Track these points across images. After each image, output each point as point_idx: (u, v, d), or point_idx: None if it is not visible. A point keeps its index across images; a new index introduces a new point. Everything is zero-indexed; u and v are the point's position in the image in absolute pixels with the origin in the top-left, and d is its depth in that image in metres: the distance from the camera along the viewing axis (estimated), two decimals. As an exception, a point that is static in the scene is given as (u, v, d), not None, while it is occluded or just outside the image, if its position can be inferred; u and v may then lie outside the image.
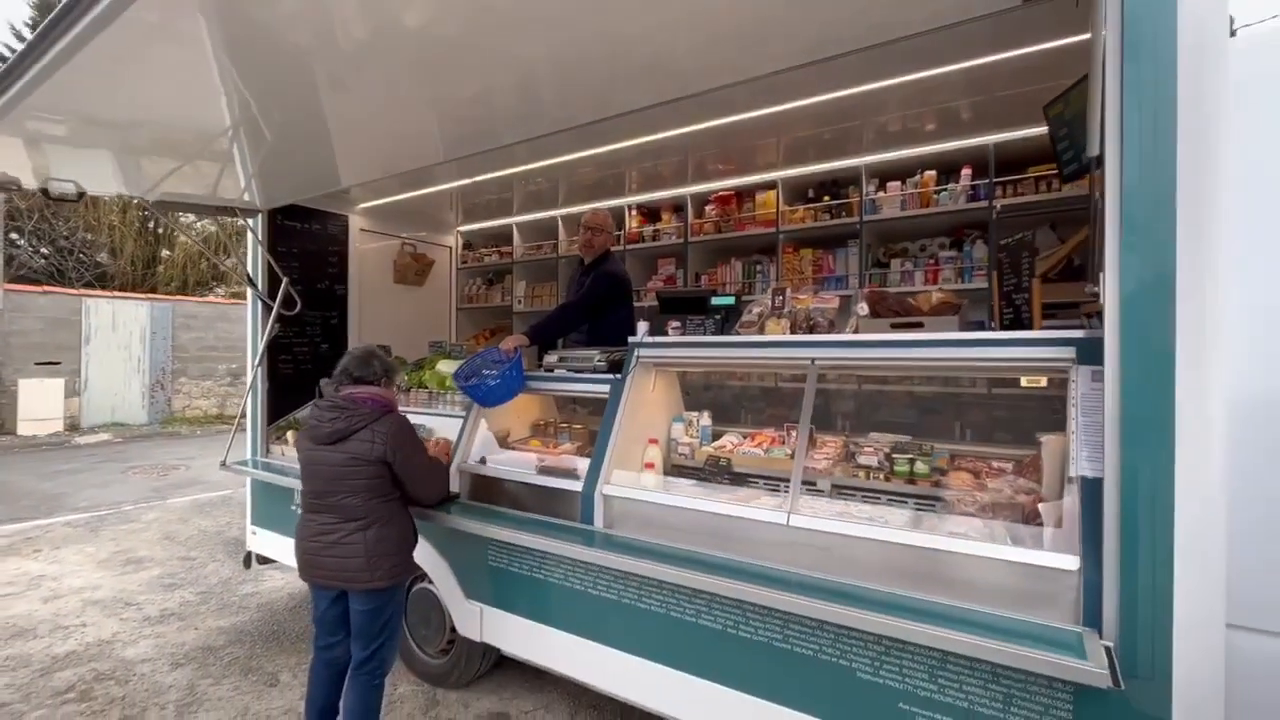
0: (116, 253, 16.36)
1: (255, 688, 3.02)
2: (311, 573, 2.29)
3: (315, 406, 2.38)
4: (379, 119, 2.76)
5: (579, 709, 2.84)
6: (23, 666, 3.22)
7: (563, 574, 2.45)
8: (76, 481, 7.51)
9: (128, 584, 4.34)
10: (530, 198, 4.84)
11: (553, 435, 3.22)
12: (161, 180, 3.28)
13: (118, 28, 1.75)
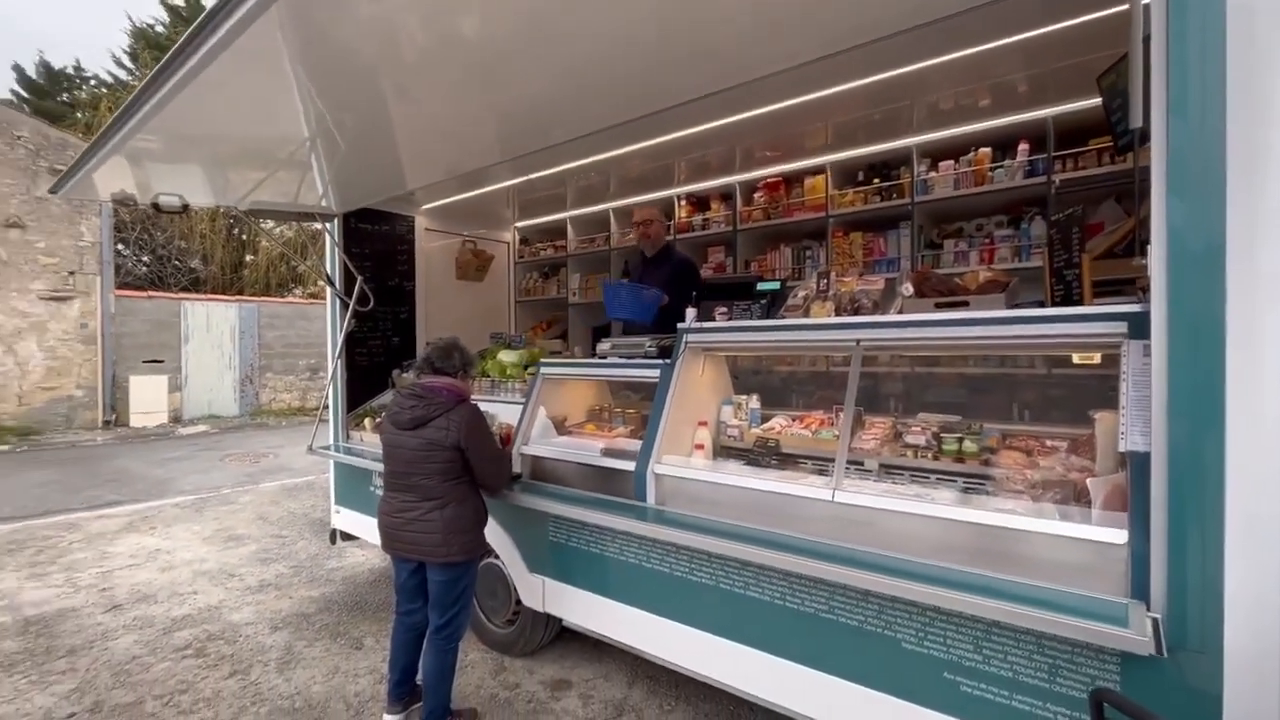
0: (208, 259, 17.70)
1: (343, 650, 3.33)
2: (393, 545, 2.53)
3: (397, 394, 2.60)
4: (440, 123, 2.96)
5: (636, 678, 2.99)
6: (148, 626, 3.64)
7: (618, 548, 2.59)
8: (181, 468, 8.27)
9: (230, 558, 4.80)
10: (582, 192, 4.99)
11: (607, 420, 3.36)
12: (251, 190, 3.61)
13: (224, 58, 1.97)
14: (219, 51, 1.95)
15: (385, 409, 3.90)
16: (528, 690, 2.91)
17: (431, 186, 4.32)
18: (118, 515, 6.00)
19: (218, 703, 2.84)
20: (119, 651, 3.34)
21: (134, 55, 19.54)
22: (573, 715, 2.72)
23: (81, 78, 20.21)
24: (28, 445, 9.85)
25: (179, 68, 2.06)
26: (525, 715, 2.72)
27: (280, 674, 3.09)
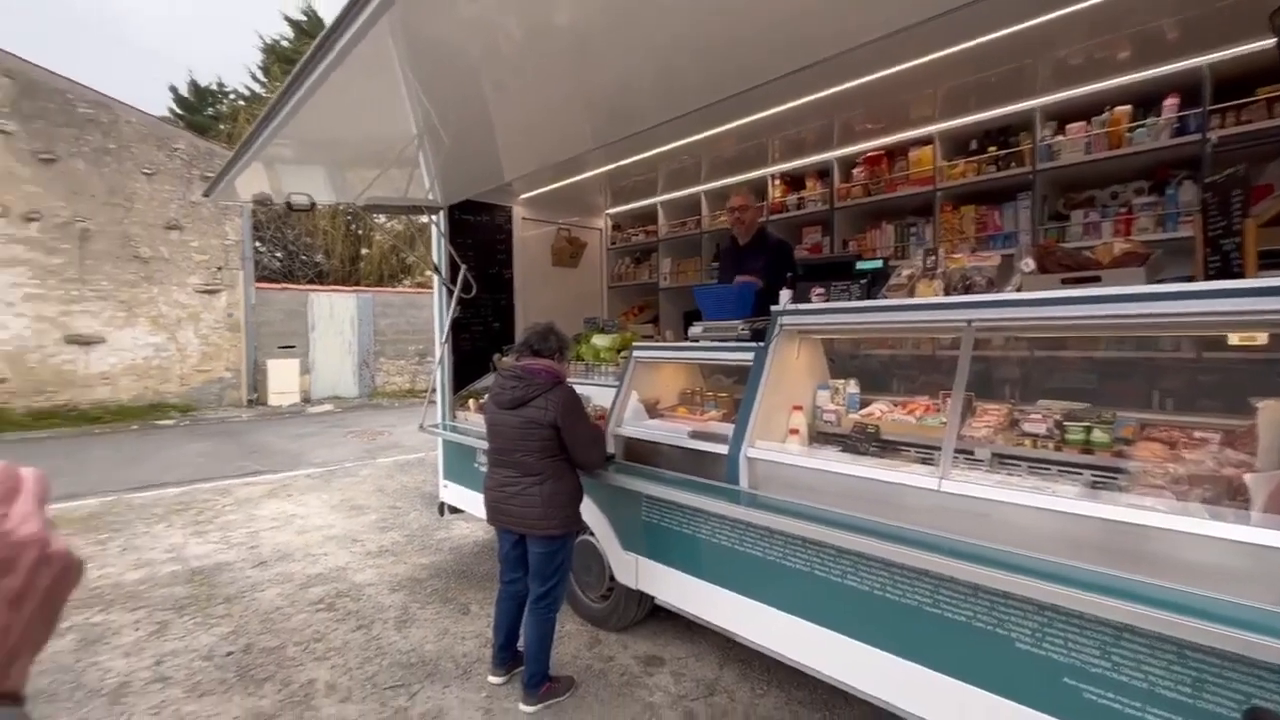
0: (329, 253, 19.34)
1: (452, 614, 3.57)
2: (496, 518, 2.68)
3: (499, 375, 2.75)
4: (534, 114, 3.04)
5: (728, 660, 3.00)
6: (288, 581, 4.09)
7: (711, 530, 2.60)
8: (311, 443, 9.15)
9: (353, 525, 5.28)
10: (674, 176, 4.98)
11: (699, 403, 3.36)
12: (367, 187, 3.89)
13: (343, 68, 2.14)
14: (338, 63, 2.12)
15: (488, 390, 4.13)
16: (621, 664, 3.00)
17: (528, 176, 4.47)
18: (261, 483, 6.75)
19: (346, 652, 3.15)
20: (265, 602, 3.77)
21: (265, 69, 21.53)
22: (665, 691, 2.77)
23: (223, 93, 22.55)
24: (189, 420, 11.26)
25: (305, 78, 2.26)
26: (619, 687, 2.81)
27: (398, 631, 3.37)
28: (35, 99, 10.69)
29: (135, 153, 11.68)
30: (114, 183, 11.44)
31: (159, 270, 11.92)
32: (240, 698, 2.77)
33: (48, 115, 10.79)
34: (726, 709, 2.64)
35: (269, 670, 3.00)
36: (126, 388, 11.58)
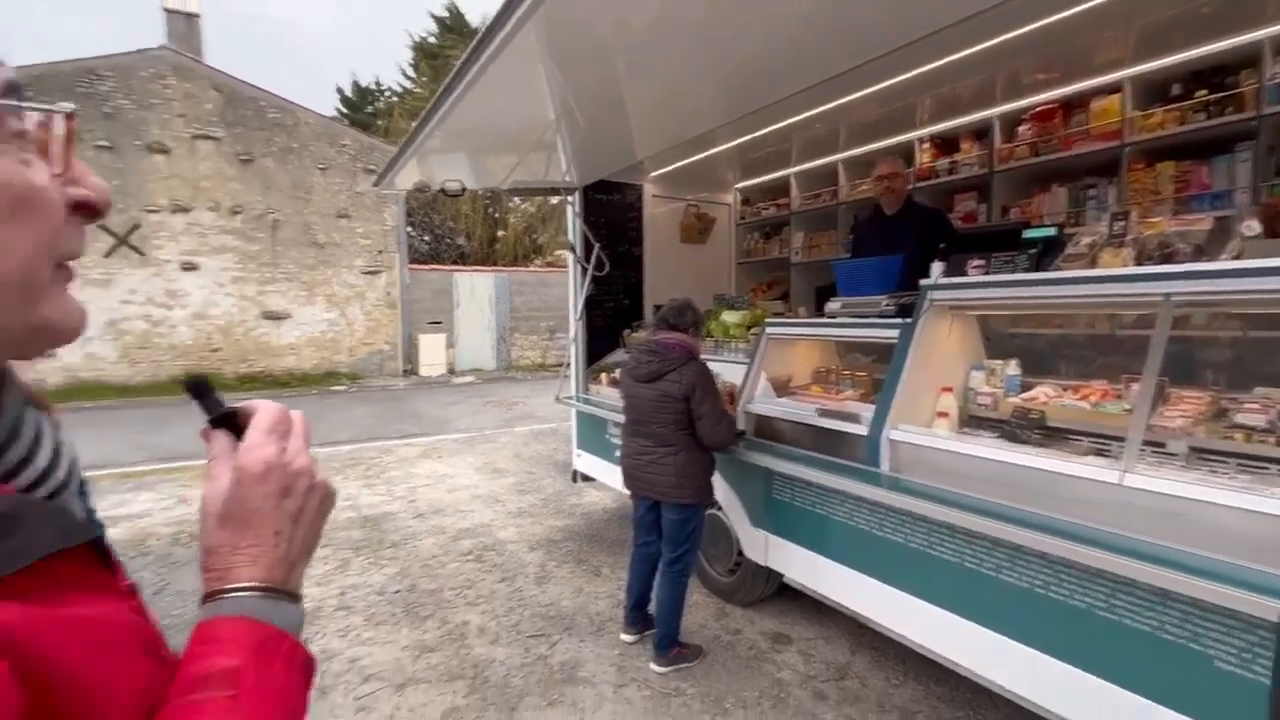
0: (470, 236, 20.82)
1: (585, 574, 3.78)
2: (632, 484, 2.81)
3: (635, 349, 2.85)
4: (668, 92, 3.03)
5: (859, 646, 2.91)
6: (441, 533, 4.54)
7: (847, 512, 2.52)
8: (456, 410, 10.01)
9: (495, 486, 5.73)
10: (808, 145, 4.77)
11: (834, 382, 3.24)
12: (510, 172, 4.13)
13: (502, 59, 2.27)
14: (491, 61, 2.25)
15: (621, 364, 4.26)
16: (749, 638, 3.02)
17: (658, 154, 4.50)
18: (416, 445, 7.51)
19: (493, 600, 3.46)
20: (423, 550, 4.23)
21: (415, 65, 23.35)
22: (793, 669, 2.76)
23: (379, 91, 24.79)
24: (356, 387, 12.76)
25: (464, 75, 2.43)
26: (747, 660, 2.83)
27: (538, 586, 3.63)
28: (237, 108, 12.44)
29: (312, 150, 13.23)
30: (296, 178, 13.07)
31: (332, 254, 13.50)
32: (407, 630, 3.14)
33: (245, 122, 12.52)
34: (859, 694, 2.58)
35: (429, 609, 3.36)
36: (308, 357, 13.34)
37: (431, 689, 2.65)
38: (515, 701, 2.55)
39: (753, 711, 2.48)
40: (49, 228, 0.41)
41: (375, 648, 2.97)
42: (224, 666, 0.44)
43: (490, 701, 2.56)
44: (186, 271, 12.01)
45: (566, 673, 2.75)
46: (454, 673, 2.76)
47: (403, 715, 2.48)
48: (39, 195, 0.40)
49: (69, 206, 0.43)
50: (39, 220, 0.40)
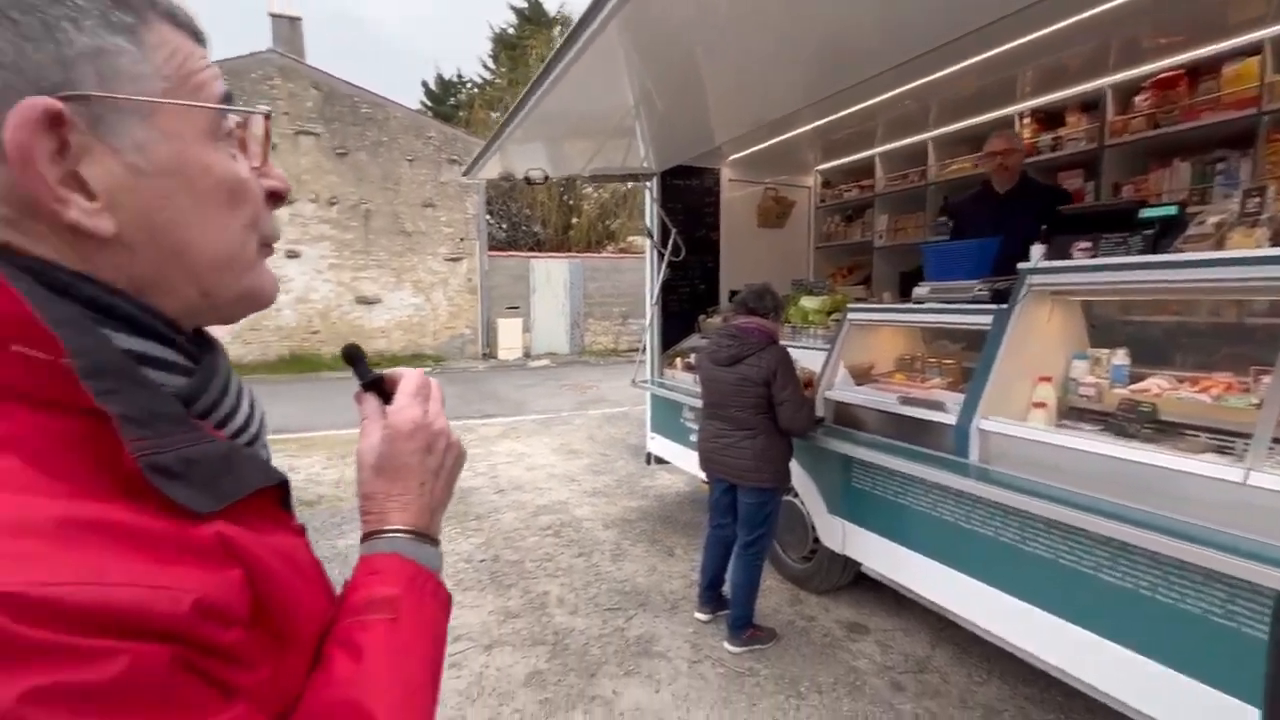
0: (545, 223, 21.29)
1: (659, 554, 3.87)
2: (709, 466, 2.85)
3: (715, 333, 2.88)
4: (748, 74, 2.97)
5: (940, 641, 2.84)
6: (521, 509, 4.75)
7: (931, 502, 2.45)
8: (533, 393, 10.35)
9: (571, 466, 5.92)
10: (895, 125, 4.58)
11: (919, 370, 3.14)
12: (591, 159, 4.21)
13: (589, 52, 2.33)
14: (579, 55, 2.31)
15: (697, 348, 4.28)
16: (823, 625, 3.01)
17: (737, 138, 4.45)
18: (495, 425, 7.85)
19: (571, 573, 3.60)
20: (505, 523, 4.44)
21: (495, 57, 23.96)
22: (869, 659, 2.73)
23: (461, 83, 25.63)
24: (440, 369, 13.42)
25: (551, 71, 2.52)
26: (821, 647, 2.83)
27: (613, 563, 3.75)
28: (334, 105, 13.24)
29: (400, 143, 13.91)
30: (386, 169, 13.79)
31: (418, 242, 14.19)
32: (493, 596, 3.34)
33: (341, 117, 13.31)
34: (939, 689, 2.52)
35: (513, 579, 3.55)
36: (397, 340, 14.14)
37: (516, 651, 2.81)
38: (594, 669, 2.67)
39: (828, 696, 2.48)
40: (255, 212, 0.49)
41: (464, 610, 3.18)
42: (385, 594, 0.51)
43: (570, 667, 2.69)
44: (290, 259, 12.97)
45: (642, 646, 2.84)
46: (536, 638, 2.92)
47: (491, 673, 2.65)
48: (247, 185, 0.48)
49: (269, 195, 0.51)
50: (248, 206, 0.48)
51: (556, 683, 2.58)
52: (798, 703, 2.44)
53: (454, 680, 2.60)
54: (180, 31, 0.44)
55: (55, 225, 0.38)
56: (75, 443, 0.37)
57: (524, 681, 2.59)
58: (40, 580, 0.30)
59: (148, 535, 0.36)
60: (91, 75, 0.39)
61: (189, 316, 0.47)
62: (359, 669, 0.46)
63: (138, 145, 0.40)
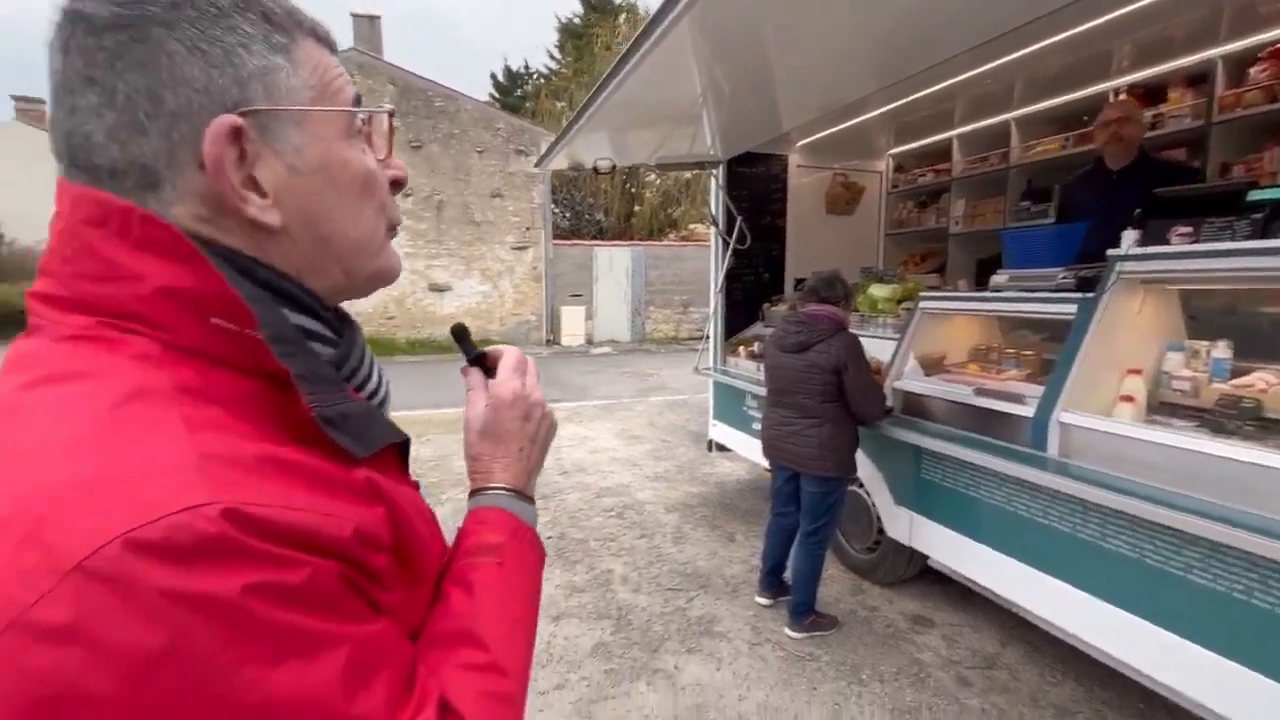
0: (608, 211, 21.47)
1: (719, 539, 3.92)
2: (772, 454, 2.86)
3: (783, 320, 2.88)
4: (818, 59, 2.90)
5: (1010, 639, 2.77)
6: (585, 490, 4.90)
7: (1005, 496, 2.39)
8: (595, 379, 10.55)
9: (632, 451, 6.03)
10: (974, 105, 4.38)
11: (995, 361, 3.03)
12: (658, 148, 4.25)
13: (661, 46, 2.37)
14: (654, 47, 2.35)
15: (761, 337, 4.28)
16: (886, 616, 2.98)
17: (805, 123, 4.37)
18: (560, 409, 8.05)
19: (634, 554, 3.70)
20: (570, 503, 4.60)
21: (561, 47, 24.22)
22: (934, 652, 2.70)
23: (528, 75, 26.08)
24: (506, 354, 13.86)
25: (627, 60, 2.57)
26: (884, 637, 2.81)
27: (675, 545, 3.83)
28: (410, 99, 13.79)
29: (471, 135, 14.35)
30: (457, 161, 14.27)
31: (487, 231, 14.65)
32: (559, 572, 3.48)
33: (416, 111, 13.85)
34: (1008, 685, 2.47)
35: (578, 556, 3.69)
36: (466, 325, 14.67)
37: (582, 624, 2.94)
38: (657, 645, 2.76)
39: (890, 686, 2.47)
40: (382, 200, 0.56)
41: (533, 583, 3.33)
42: (492, 542, 0.59)
43: (634, 641, 2.79)
44: (369, 248, 13.66)
45: (704, 626, 2.91)
46: (601, 612, 3.04)
47: (559, 642, 2.78)
48: (376, 176, 0.55)
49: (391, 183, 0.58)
50: (377, 195, 0.55)
51: (621, 655, 2.69)
52: (859, 689, 2.45)
53: (524, 646, 2.75)
54: (320, 45, 0.52)
55: (239, 220, 0.46)
56: (257, 399, 0.45)
57: (590, 652, 2.72)
58: (251, 501, 0.37)
59: (317, 473, 0.44)
60: (260, 91, 0.46)
61: (333, 295, 0.55)
62: (472, 604, 0.53)
63: (295, 148, 0.48)
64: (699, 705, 2.37)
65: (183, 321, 0.43)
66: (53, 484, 0.35)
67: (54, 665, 0.32)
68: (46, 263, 0.45)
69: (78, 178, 0.44)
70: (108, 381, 0.40)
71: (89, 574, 0.32)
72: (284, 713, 0.35)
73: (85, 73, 0.42)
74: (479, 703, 0.47)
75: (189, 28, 0.43)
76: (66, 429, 0.38)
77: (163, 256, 0.43)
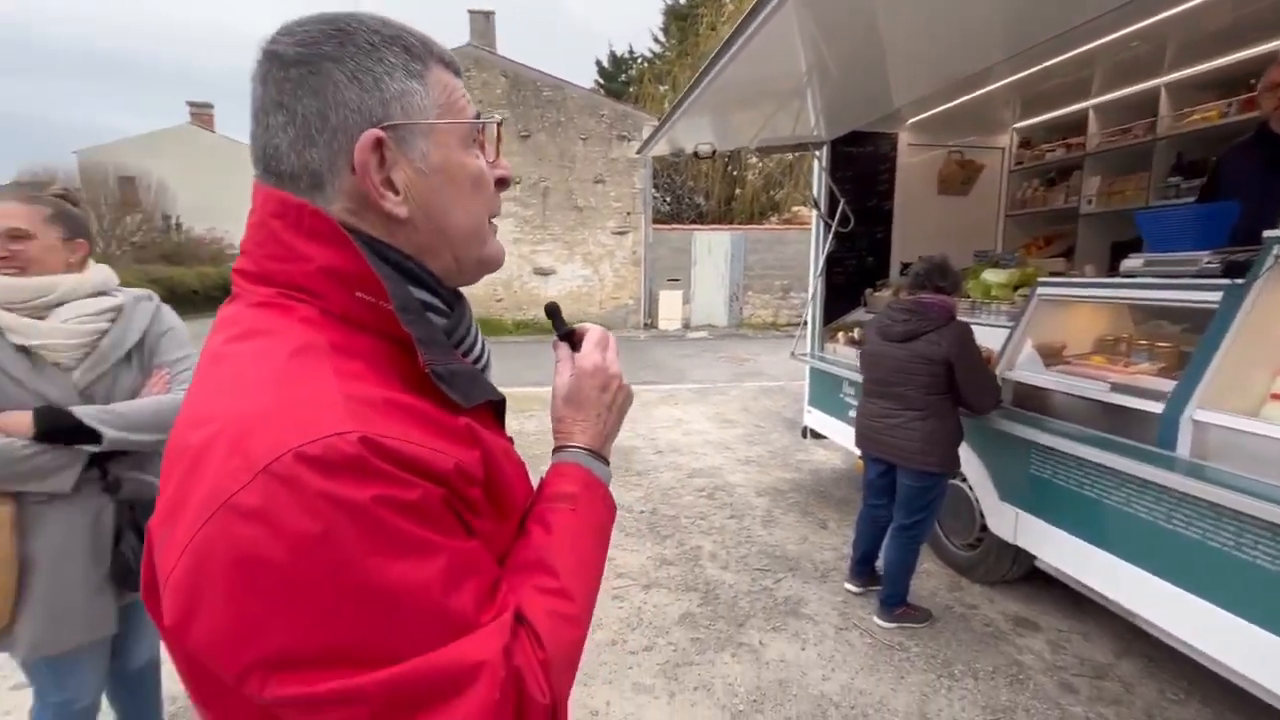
0: (708, 195, 21.31)
1: (810, 525, 3.91)
2: (868, 446, 2.81)
3: (889, 307, 2.79)
4: (934, 28, 2.76)
5: (1128, 651, 2.59)
6: (678, 470, 5.03)
7: (1125, 497, 2.23)
8: (691, 362, 10.64)
9: (725, 435, 6.08)
10: (1117, 71, 3.96)
11: (1123, 352, 2.79)
12: (759, 130, 4.21)
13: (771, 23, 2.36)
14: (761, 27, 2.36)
15: (863, 323, 4.18)
16: (986, 615, 2.87)
17: (918, 99, 4.15)
18: (655, 391, 8.24)
19: (724, 533, 3.78)
20: (662, 481, 4.75)
21: (665, 29, 24.14)
22: (1037, 655, 2.58)
23: (632, 58, 26.23)
24: (605, 336, 14.25)
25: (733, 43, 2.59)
26: (981, 635, 2.72)
27: (764, 528, 3.87)
28: (520, 90, 14.38)
29: (576, 122, 14.74)
30: (563, 148, 14.74)
31: (589, 217, 15.06)
32: (650, 544, 3.63)
33: (525, 101, 14.42)
34: (1119, 698, 2.32)
35: (668, 531, 3.82)
36: (567, 308, 14.28)
37: (670, 594, 3.07)
38: (742, 619, 2.84)
39: (984, 683, 2.40)
40: (489, 197, 0.67)
41: (626, 553, 3.51)
42: (568, 490, 0.69)
43: (720, 615, 2.88)
44: (481, 234, 14.50)
45: (790, 606, 2.95)
46: (689, 585, 3.15)
47: (649, 609, 2.94)
48: (485, 176, 0.66)
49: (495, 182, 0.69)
50: (485, 192, 0.66)
51: (707, 626, 2.80)
52: (950, 683, 2.40)
53: (616, 609, 2.93)
54: (447, 70, 0.62)
55: (377, 213, 0.58)
56: (387, 356, 0.57)
57: (678, 620, 2.84)
58: (380, 433, 0.48)
59: (429, 417, 0.55)
60: (399, 110, 0.56)
61: (445, 277, 0.66)
62: (548, 539, 0.63)
63: (422, 154, 0.59)
64: (782, 680, 2.43)
65: (336, 293, 0.55)
66: (248, 411, 0.48)
67: (247, 536, 0.43)
68: (244, 245, 0.60)
69: (267, 180, 0.58)
70: (282, 339, 0.53)
71: (271, 474, 0.44)
72: (397, 597, 0.46)
73: (276, 99, 0.55)
74: (548, 619, 0.57)
75: (350, 61, 0.55)
76: (255, 373, 0.51)
77: (324, 243, 0.55)
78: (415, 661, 0.46)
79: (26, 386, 1.36)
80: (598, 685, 2.41)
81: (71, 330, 1.41)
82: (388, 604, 0.46)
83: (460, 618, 0.49)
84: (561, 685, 0.55)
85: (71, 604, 1.44)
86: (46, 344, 1.38)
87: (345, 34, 0.56)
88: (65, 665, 1.48)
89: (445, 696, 0.47)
